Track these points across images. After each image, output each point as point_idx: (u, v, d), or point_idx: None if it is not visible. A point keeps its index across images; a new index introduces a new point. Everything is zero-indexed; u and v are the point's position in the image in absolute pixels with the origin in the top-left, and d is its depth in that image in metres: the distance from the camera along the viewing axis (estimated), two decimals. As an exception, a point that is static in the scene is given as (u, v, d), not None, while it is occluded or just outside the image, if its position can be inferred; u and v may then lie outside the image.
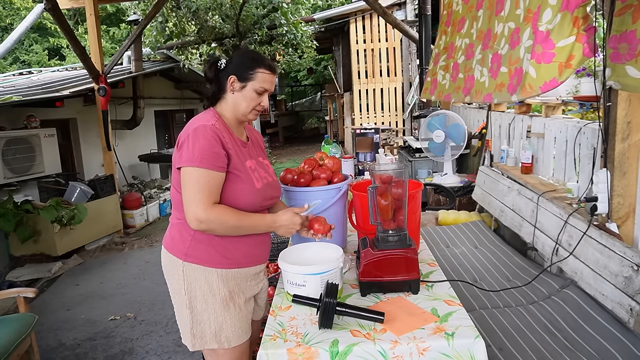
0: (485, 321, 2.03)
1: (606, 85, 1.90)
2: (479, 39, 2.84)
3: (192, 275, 1.53)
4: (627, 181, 1.99)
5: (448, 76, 3.39)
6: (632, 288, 1.69)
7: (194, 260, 1.53)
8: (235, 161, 1.50)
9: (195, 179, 1.41)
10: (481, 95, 2.72)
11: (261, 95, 1.56)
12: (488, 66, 2.64)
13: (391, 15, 5.70)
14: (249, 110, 1.56)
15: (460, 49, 3.16)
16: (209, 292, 1.52)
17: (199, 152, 1.41)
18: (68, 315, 3.49)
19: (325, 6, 10.79)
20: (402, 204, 1.56)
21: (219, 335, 1.53)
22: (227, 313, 1.54)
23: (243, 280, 1.59)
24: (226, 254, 1.53)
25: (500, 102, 2.79)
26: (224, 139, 1.48)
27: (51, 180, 5.23)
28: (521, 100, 2.97)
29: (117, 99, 6.77)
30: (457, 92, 3.16)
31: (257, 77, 1.53)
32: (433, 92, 3.72)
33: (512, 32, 2.30)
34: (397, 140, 7.67)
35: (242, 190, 1.51)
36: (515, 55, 2.24)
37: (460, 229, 3.29)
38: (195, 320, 1.54)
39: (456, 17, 3.35)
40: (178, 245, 1.56)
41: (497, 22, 2.53)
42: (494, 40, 2.56)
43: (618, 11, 1.78)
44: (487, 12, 2.75)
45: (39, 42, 13.85)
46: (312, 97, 19.37)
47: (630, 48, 1.72)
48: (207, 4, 7.60)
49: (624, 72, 1.76)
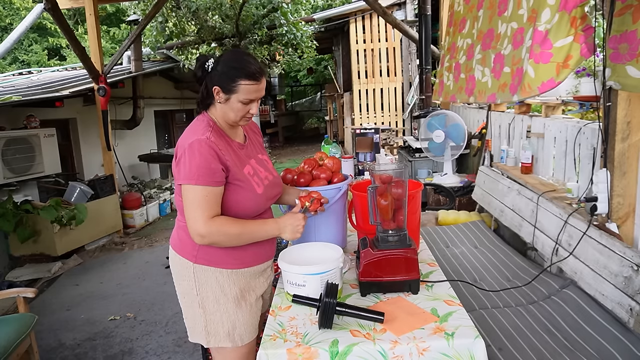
0: (485, 321, 2.03)
1: (606, 86, 1.90)
2: (479, 39, 2.84)
3: (203, 276, 1.54)
4: (627, 181, 1.99)
5: (451, 77, 3.40)
6: (632, 288, 1.69)
7: (204, 262, 1.54)
8: (234, 171, 1.49)
9: (192, 196, 1.42)
10: (485, 96, 2.72)
11: (248, 105, 1.51)
12: (490, 66, 2.64)
13: (391, 15, 5.70)
14: (239, 119, 1.53)
15: (462, 49, 3.16)
16: (221, 292, 1.54)
17: (196, 169, 1.41)
18: (68, 315, 3.49)
19: (326, 6, 10.78)
20: (402, 204, 1.56)
21: (232, 334, 1.55)
22: (239, 311, 1.56)
23: (252, 278, 1.61)
24: (235, 254, 1.54)
25: (503, 102, 2.80)
26: (220, 151, 1.46)
27: (51, 180, 5.23)
28: (521, 100, 2.97)
29: (117, 99, 6.77)
30: (460, 92, 3.17)
31: (240, 89, 1.46)
32: (440, 94, 3.74)
33: (515, 32, 2.30)
34: (397, 140, 7.67)
35: (244, 199, 1.52)
36: (517, 56, 2.24)
37: (460, 229, 3.29)
38: (209, 320, 1.55)
39: (458, 18, 3.35)
40: (187, 248, 1.56)
41: (500, 22, 2.53)
42: (497, 41, 2.56)
43: (618, 11, 1.78)
44: (487, 12, 2.75)
45: (39, 42, 13.84)
46: (312, 97, 19.37)
47: (630, 48, 1.72)
48: (207, 4, 7.60)
49: (625, 72, 1.76)
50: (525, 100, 3.25)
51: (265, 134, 12.94)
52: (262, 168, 1.63)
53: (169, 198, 6.69)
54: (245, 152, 1.61)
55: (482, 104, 3.31)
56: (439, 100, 4.14)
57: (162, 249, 4.94)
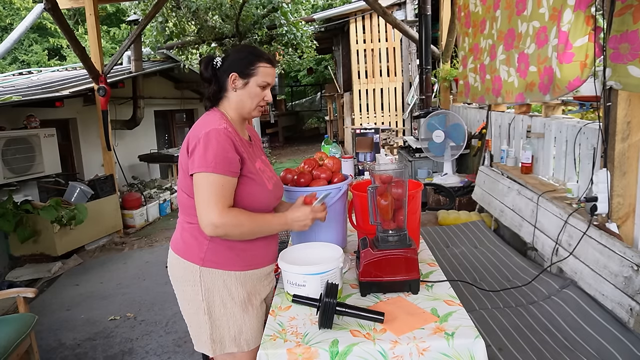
0: (485, 321, 2.03)
1: (606, 85, 1.90)
2: (500, 39, 2.86)
3: (211, 280, 1.50)
4: (627, 181, 1.99)
5: (478, 78, 3.42)
6: (632, 288, 1.69)
7: (212, 264, 1.49)
8: (248, 164, 1.48)
9: (208, 184, 1.38)
10: (512, 96, 2.73)
11: (264, 90, 1.53)
12: (515, 66, 2.64)
13: (391, 15, 5.70)
14: (254, 107, 1.54)
15: (485, 50, 3.18)
16: (228, 296, 1.51)
17: (213, 157, 1.38)
18: (68, 315, 3.49)
19: (326, 6, 10.78)
20: (402, 204, 1.56)
21: (238, 338, 1.52)
22: (246, 315, 1.53)
23: (258, 280, 1.59)
24: (243, 255, 1.52)
25: (533, 101, 2.80)
26: (236, 142, 1.45)
27: (51, 180, 5.23)
28: (553, 100, 2.95)
29: (117, 99, 6.77)
30: (487, 93, 3.19)
31: (259, 71, 1.50)
32: (468, 95, 3.75)
33: (538, 31, 2.31)
34: (397, 140, 7.67)
35: (257, 193, 1.50)
36: (543, 54, 2.25)
37: (460, 229, 3.29)
38: (215, 326, 1.51)
39: (477, 18, 3.36)
40: (194, 251, 1.51)
41: (520, 21, 2.54)
42: (519, 40, 2.57)
43: (618, 11, 1.78)
44: (505, 12, 2.76)
45: (39, 42, 13.84)
46: (312, 97, 19.37)
47: (632, 48, 1.72)
48: (207, 4, 7.60)
49: (626, 72, 1.76)
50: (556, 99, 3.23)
51: (265, 134, 12.95)
52: (268, 169, 1.64)
53: (169, 198, 6.69)
54: (253, 150, 1.60)
55: (510, 104, 3.32)
56: (466, 101, 4.14)
57: (162, 249, 4.94)
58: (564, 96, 2.29)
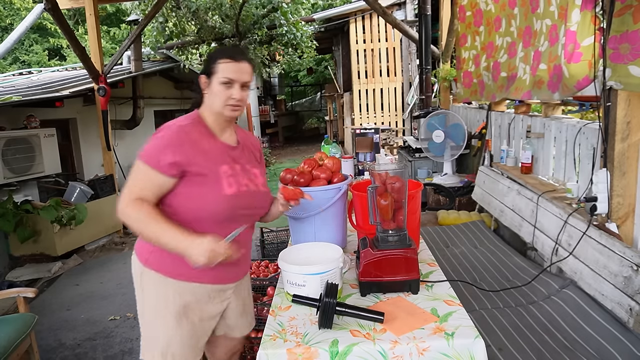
0: (485, 321, 2.03)
1: (606, 86, 1.91)
2: (520, 37, 2.85)
3: (149, 282, 1.48)
4: (627, 181, 1.99)
5: (491, 76, 3.41)
6: (631, 288, 1.69)
7: (153, 266, 1.48)
8: (202, 165, 1.43)
9: (135, 170, 1.41)
10: (520, 92, 2.73)
11: (229, 87, 1.45)
12: (530, 63, 2.65)
13: (391, 15, 5.70)
14: (222, 105, 1.46)
15: (502, 47, 3.17)
16: (163, 302, 1.47)
17: (151, 149, 1.41)
18: (68, 315, 3.49)
19: (326, 6, 10.78)
20: (402, 204, 1.56)
21: (165, 351, 1.48)
22: (178, 328, 1.47)
23: (203, 296, 1.51)
24: (180, 263, 1.40)
25: (541, 99, 2.77)
26: (192, 141, 1.43)
27: (51, 180, 5.23)
28: (562, 98, 2.92)
29: (117, 99, 6.77)
30: (500, 91, 3.19)
31: (219, 68, 1.45)
32: (482, 94, 3.74)
33: (550, 29, 2.31)
34: (397, 140, 7.68)
35: (205, 196, 1.43)
36: (554, 52, 2.25)
37: (460, 229, 3.29)
38: (146, 330, 1.50)
39: (490, 17, 3.36)
40: (142, 250, 1.51)
41: (535, 19, 2.54)
42: (535, 38, 2.57)
43: (617, 12, 1.79)
44: (522, 9, 2.77)
45: (39, 42, 13.85)
46: (312, 97, 19.37)
47: (633, 48, 1.73)
48: (207, 4, 7.60)
49: (627, 72, 1.76)
50: (565, 99, 3.19)
51: (265, 134, 12.94)
52: (245, 176, 1.54)
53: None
54: (231, 154, 1.53)
55: (516, 100, 3.30)
56: (480, 100, 4.13)
57: (162, 249, 4.94)
58: (573, 95, 2.30)
